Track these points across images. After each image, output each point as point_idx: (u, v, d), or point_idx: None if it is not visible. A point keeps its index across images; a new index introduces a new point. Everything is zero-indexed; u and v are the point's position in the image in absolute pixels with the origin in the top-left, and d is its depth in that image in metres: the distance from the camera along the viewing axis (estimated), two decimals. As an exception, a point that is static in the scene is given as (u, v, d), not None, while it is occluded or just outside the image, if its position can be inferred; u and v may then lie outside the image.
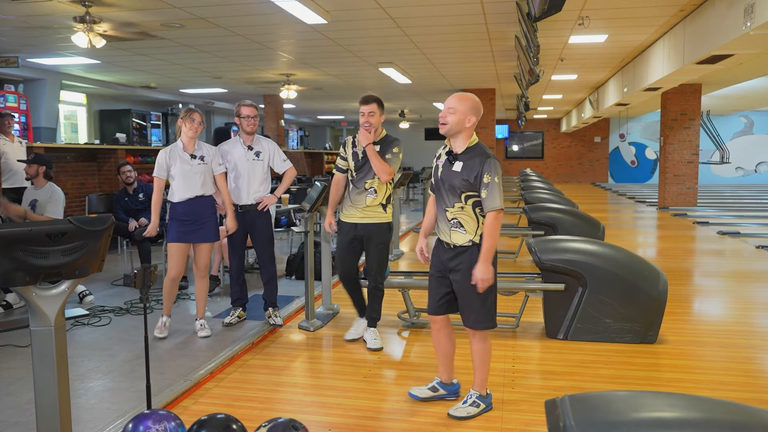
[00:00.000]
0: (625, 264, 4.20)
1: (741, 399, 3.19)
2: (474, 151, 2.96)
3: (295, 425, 2.43)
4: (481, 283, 2.88)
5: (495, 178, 2.88)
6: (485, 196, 2.89)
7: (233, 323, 4.64)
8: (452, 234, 2.98)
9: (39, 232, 1.97)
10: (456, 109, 2.92)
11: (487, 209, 2.89)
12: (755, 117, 22.17)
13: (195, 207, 4.32)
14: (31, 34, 8.06)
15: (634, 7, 7.02)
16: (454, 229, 2.97)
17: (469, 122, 2.94)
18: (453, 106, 2.93)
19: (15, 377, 3.61)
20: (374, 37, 8.53)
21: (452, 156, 2.99)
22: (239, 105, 4.54)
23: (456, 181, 2.94)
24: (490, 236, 2.88)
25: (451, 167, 2.96)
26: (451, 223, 2.98)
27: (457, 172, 2.94)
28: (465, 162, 2.94)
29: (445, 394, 3.24)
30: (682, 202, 13.49)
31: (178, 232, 4.31)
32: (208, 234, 4.39)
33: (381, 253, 4.11)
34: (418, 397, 3.23)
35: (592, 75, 12.77)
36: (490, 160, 2.90)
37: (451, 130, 2.95)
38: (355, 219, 4.08)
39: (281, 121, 15.44)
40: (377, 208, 4.05)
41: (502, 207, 2.89)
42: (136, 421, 2.40)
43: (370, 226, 4.05)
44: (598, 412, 1.56)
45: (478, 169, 2.89)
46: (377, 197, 4.04)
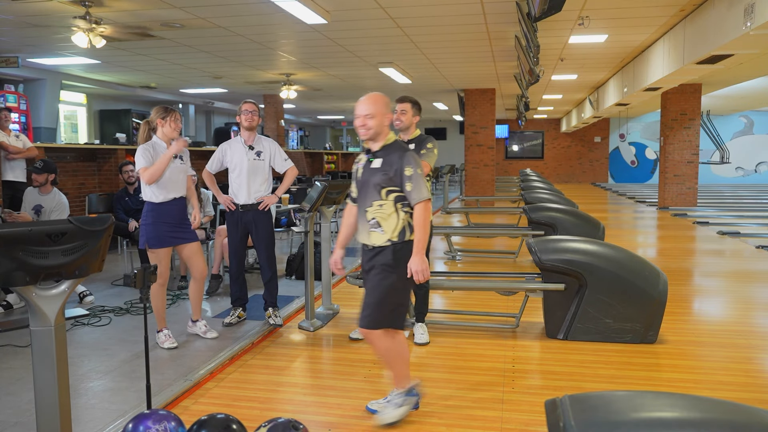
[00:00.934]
0: (625, 264, 4.20)
1: (741, 399, 3.19)
2: (392, 147, 2.96)
3: (295, 425, 2.43)
4: (417, 275, 2.85)
5: (417, 169, 2.87)
6: (410, 189, 2.87)
7: (233, 323, 4.64)
8: (371, 235, 2.95)
9: (39, 232, 1.97)
10: (374, 113, 2.91)
11: (415, 201, 2.87)
12: (755, 117, 22.18)
13: (180, 207, 4.23)
14: (31, 34, 8.06)
15: (634, 7, 7.02)
16: (373, 229, 2.94)
17: (387, 120, 2.97)
18: (370, 111, 2.91)
19: (15, 377, 3.61)
20: (374, 37, 8.53)
21: (371, 154, 2.98)
22: (241, 103, 4.58)
23: (376, 177, 2.92)
24: (421, 228, 2.86)
25: (371, 165, 2.96)
26: (370, 223, 2.94)
27: (377, 169, 2.93)
28: (384, 158, 2.93)
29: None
30: (682, 202, 13.49)
31: (167, 236, 4.13)
32: (192, 233, 4.28)
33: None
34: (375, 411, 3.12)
35: (592, 75, 12.77)
36: (408, 153, 2.91)
37: (375, 134, 2.94)
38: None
39: (281, 121, 15.44)
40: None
41: (429, 197, 2.90)
42: (136, 421, 2.40)
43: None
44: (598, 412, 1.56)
45: (398, 163, 2.88)
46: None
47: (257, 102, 4.98)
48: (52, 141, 11.10)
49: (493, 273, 5.63)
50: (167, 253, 4.21)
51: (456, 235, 8.64)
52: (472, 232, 8.47)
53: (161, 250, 4.14)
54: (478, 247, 8.30)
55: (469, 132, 14.81)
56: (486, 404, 3.20)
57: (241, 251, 4.68)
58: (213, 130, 18.44)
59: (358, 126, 2.94)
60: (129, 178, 6.34)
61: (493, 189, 14.99)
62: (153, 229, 4.11)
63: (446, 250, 7.69)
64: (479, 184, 14.83)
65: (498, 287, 4.59)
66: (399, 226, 2.91)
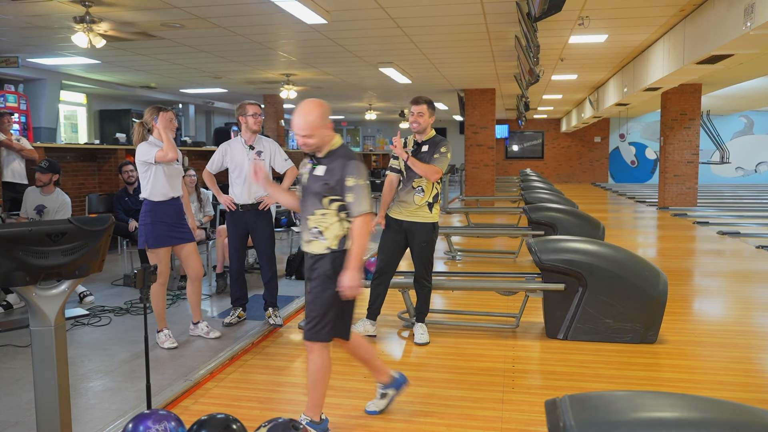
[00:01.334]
0: (625, 264, 4.20)
1: (741, 399, 3.19)
2: (336, 153, 2.80)
3: (295, 425, 2.43)
4: (348, 291, 2.69)
5: (359, 180, 2.72)
6: (351, 201, 2.72)
7: (233, 323, 4.64)
8: (311, 244, 2.81)
9: (39, 232, 1.98)
10: (311, 132, 2.72)
11: (354, 214, 2.72)
12: (755, 117, 22.18)
13: (177, 207, 4.24)
14: (31, 34, 8.06)
15: (634, 7, 7.02)
16: (313, 238, 2.80)
17: (327, 129, 2.78)
18: (307, 132, 2.72)
19: (15, 377, 3.61)
20: (374, 37, 8.53)
21: (315, 160, 2.84)
22: (244, 105, 4.49)
23: (318, 186, 2.77)
24: (357, 241, 2.71)
25: (314, 172, 2.81)
26: (311, 232, 2.81)
27: (320, 176, 2.78)
28: (328, 165, 2.78)
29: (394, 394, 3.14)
30: (682, 202, 13.49)
31: (166, 235, 4.15)
32: (189, 234, 4.30)
33: (424, 252, 4.19)
34: (376, 411, 3.10)
35: (592, 75, 12.77)
36: (352, 162, 2.75)
37: (318, 147, 2.79)
38: (402, 216, 4.19)
39: (281, 121, 15.45)
40: (423, 207, 4.15)
41: (370, 210, 2.73)
42: (136, 421, 2.40)
43: (414, 224, 4.16)
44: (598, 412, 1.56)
45: (340, 172, 2.73)
46: (424, 196, 4.13)
47: (257, 102, 4.97)
48: (52, 141, 11.10)
49: (493, 273, 5.63)
50: (167, 253, 4.21)
51: (456, 235, 8.64)
52: (472, 232, 8.47)
53: (161, 250, 4.15)
54: (478, 247, 8.30)
55: (469, 132, 14.81)
56: (486, 404, 3.20)
57: (242, 251, 4.69)
58: (213, 130, 18.44)
59: (299, 143, 2.78)
60: (129, 178, 6.34)
61: (493, 189, 14.99)
62: (152, 228, 4.11)
63: (446, 250, 7.69)
64: (479, 184, 14.83)
65: (498, 287, 4.59)
66: (340, 235, 2.77)
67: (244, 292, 4.73)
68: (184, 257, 4.30)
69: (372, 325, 4.34)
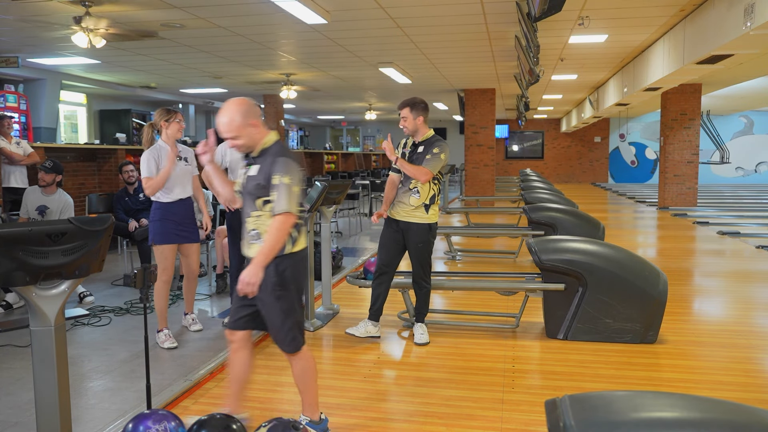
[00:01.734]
0: (625, 264, 4.20)
1: (741, 399, 3.19)
2: (269, 151, 2.68)
3: (295, 425, 2.43)
4: (245, 287, 2.54)
5: (285, 179, 2.58)
6: (274, 199, 2.59)
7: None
8: (251, 247, 2.71)
9: (39, 232, 1.97)
10: (237, 133, 2.61)
11: (275, 212, 2.58)
12: (755, 117, 22.18)
13: (186, 207, 4.33)
14: (31, 34, 8.06)
15: (634, 7, 7.02)
16: (253, 241, 2.70)
17: (255, 126, 2.64)
18: (232, 134, 2.61)
19: (15, 377, 3.61)
20: (374, 37, 8.53)
21: (250, 159, 2.73)
22: None
23: (251, 186, 2.66)
24: (270, 238, 2.57)
25: (249, 172, 2.71)
26: (250, 234, 2.72)
27: (254, 177, 2.66)
28: (261, 165, 2.66)
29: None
30: (682, 202, 13.49)
31: (173, 233, 4.22)
32: (196, 235, 4.40)
33: (421, 252, 4.18)
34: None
35: (592, 75, 12.77)
36: (280, 159, 2.62)
37: (249, 147, 2.68)
38: (399, 216, 4.20)
39: (281, 121, 15.45)
40: (420, 208, 4.14)
41: (290, 211, 2.58)
42: (136, 421, 2.40)
43: (410, 224, 4.16)
44: (598, 412, 1.56)
45: (269, 170, 2.61)
46: (420, 197, 4.13)
47: (257, 103, 5.00)
48: (52, 141, 11.10)
49: (493, 273, 5.62)
50: (172, 251, 4.26)
51: (456, 235, 8.64)
52: (472, 232, 8.47)
53: (166, 247, 4.20)
54: (478, 247, 8.30)
55: (469, 132, 14.81)
56: (486, 404, 3.20)
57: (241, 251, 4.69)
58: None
59: (232, 145, 2.67)
60: (129, 178, 6.34)
61: (493, 189, 14.99)
62: (160, 225, 4.19)
63: (446, 250, 7.68)
64: (479, 184, 14.83)
65: (498, 287, 4.59)
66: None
67: None
68: (186, 255, 4.38)
69: (374, 326, 4.32)
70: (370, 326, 4.33)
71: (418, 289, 4.27)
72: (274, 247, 2.58)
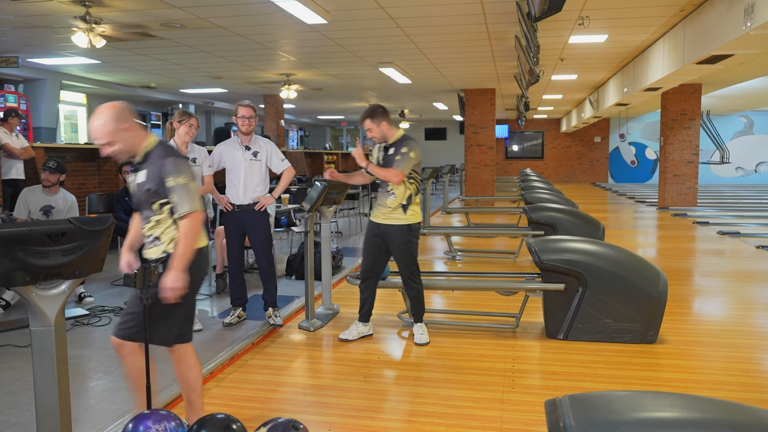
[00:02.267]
0: (625, 264, 4.20)
1: (741, 399, 3.19)
2: (153, 154, 2.59)
3: (295, 425, 2.43)
4: (169, 293, 2.51)
5: (179, 178, 2.52)
6: (175, 201, 2.54)
7: (233, 323, 4.64)
8: (150, 250, 2.67)
9: (39, 232, 1.97)
10: (111, 139, 2.51)
11: (178, 215, 2.54)
12: (755, 117, 22.17)
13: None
14: (31, 34, 8.06)
15: (634, 7, 7.02)
16: (151, 245, 2.66)
17: (130, 130, 2.56)
18: (106, 140, 2.51)
19: (15, 377, 3.61)
20: (374, 37, 8.53)
21: (135, 166, 2.65)
22: (237, 106, 4.57)
23: (143, 193, 2.60)
24: (183, 240, 2.53)
25: (137, 180, 2.63)
26: (148, 240, 2.67)
27: (143, 183, 2.59)
28: (148, 169, 2.58)
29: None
30: (682, 202, 13.49)
31: None
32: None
33: (404, 254, 4.17)
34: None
35: (592, 75, 12.77)
36: (168, 160, 2.54)
37: (129, 152, 2.60)
38: (378, 219, 4.19)
39: (281, 121, 15.45)
40: (397, 210, 4.12)
41: (194, 210, 2.55)
42: (136, 421, 2.40)
43: (388, 227, 4.15)
44: (598, 412, 1.56)
45: (159, 173, 2.54)
46: (396, 198, 4.11)
47: (256, 102, 5.03)
48: (52, 141, 11.10)
49: (493, 273, 5.63)
50: None
51: (456, 235, 8.64)
52: (472, 232, 8.47)
53: None
54: (478, 247, 8.30)
55: (469, 132, 14.81)
56: (486, 404, 3.20)
57: (239, 251, 4.70)
58: (213, 130, 18.45)
59: (103, 154, 2.58)
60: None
61: (493, 189, 14.99)
62: None
63: (446, 250, 7.68)
64: (479, 184, 14.83)
65: (498, 287, 4.59)
66: (176, 237, 2.59)
67: (243, 291, 4.74)
68: None
69: (365, 326, 4.32)
70: (361, 327, 4.32)
71: (409, 290, 4.25)
72: (187, 250, 2.55)
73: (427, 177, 9.63)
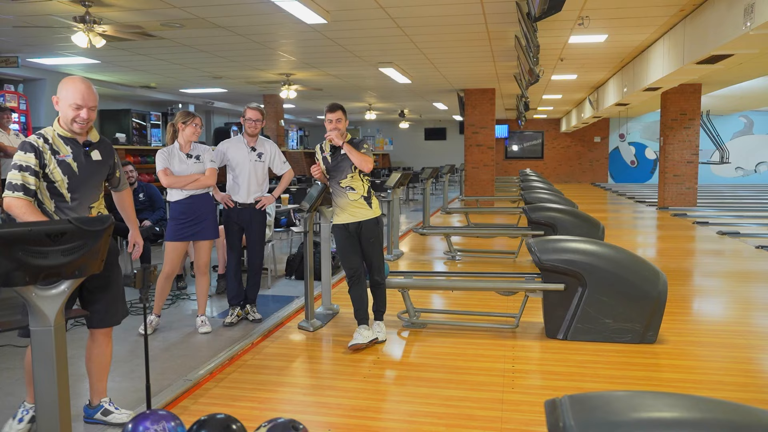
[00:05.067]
0: (625, 264, 4.20)
1: (741, 399, 3.19)
2: (101, 139, 3.04)
3: (295, 425, 2.43)
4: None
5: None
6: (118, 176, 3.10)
7: (234, 323, 4.66)
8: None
9: (39, 232, 1.97)
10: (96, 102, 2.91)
11: (122, 189, 3.19)
12: (755, 117, 22.17)
13: (192, 206, 4.46)
14: (31, 34, 8.06)
15: (634, 7, 7.02)
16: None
17: (59, 107, 2.93)
18: (95, 106, 2.98)
19: (15, 377, 3.61)
20: (374, 37, 8.53)
21: (87, 146, 2.95)
22: (246, 108, 4.72)
23: (101, 172, 2.96)
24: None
25: (91, 158, 2.94)
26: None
27: (99, 161, 2.95)
28: (100, 149, 2.99)
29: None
30: (682, 202, 13.49)
31: (176, 232, 4.42)
32: (207, 232, 4.49)
33: (374, 247, 4.20)
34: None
35: (592, 75, 12.77)
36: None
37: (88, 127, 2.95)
38: (344, 220, 4.19)
39: (281, 121, 15.44)
40: (360, 202, 4.16)
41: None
42: (136, 421, 2.40)
43: (359, 224, 4.17)
44: (598, 412, 1.56)
45: (112, 154, 3.04)
46: (357, 191, 4.15)
47: (260, 104, 5.10)
48: (52, 141, 11.07)
49: (493, 273, 5.63)
50: (174, 248, 4.44)
51: (456, 235, 8.64)
52: (471, 232, 8.47)
53: (169, 244, 4.44)
54: (477, 247, 8.30)
55: (468, 132, 14.80)
56: (486, 404, 3.20)
57: (238, 249, 4.77)
58: (213, 130, 18.44)
59: (82, 122, 2.97)
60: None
61: (493, 189, 14.99)
62: (169, 224, 4.49)
63: (446, 250, 7.68)
64: (479, 184, 14.83)
65: (498, 287, 4.59)
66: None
67: (241, 290, 4.78)
68: (196, 249, 4.56)
69: (367, 329, 4.16)
70: (364, 331, 4.12)
71: (375, 287, 4.27)
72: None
73: (427, 177, 9.63)
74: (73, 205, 2.83)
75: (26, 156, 2.73)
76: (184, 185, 4.38)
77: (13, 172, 2.69)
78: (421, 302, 5.32)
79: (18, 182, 2.70)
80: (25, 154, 2.73)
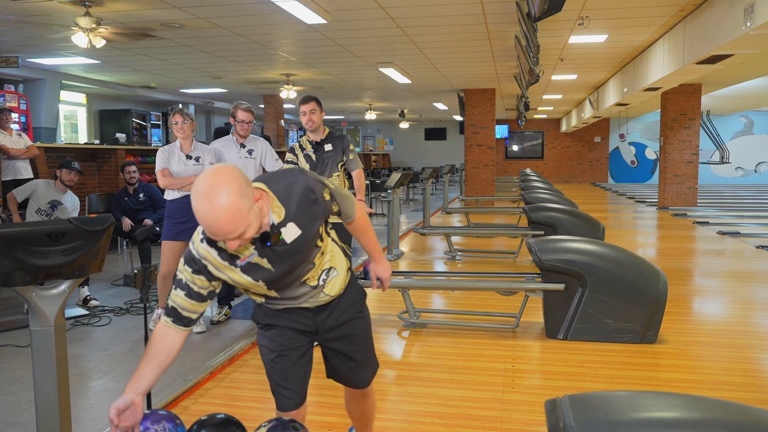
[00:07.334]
0: (625, 264, 4.20)
1: (741, 399, 3.19)
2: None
3: (295, 425, 2.42)
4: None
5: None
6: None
7: (221, 321, 4.70)
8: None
9: (39, 232, 1.97)
10: (246, 216, 1.78)
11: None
12: (755, 117, 22.17)
13: (188, 205, 4.36)
14: (31, 34, 8.06)
15: (634, 7, 7.02)
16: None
17: (259, 199, 1.87)
18: (244, 225, 1.76)
19: (15, 377, 3.61)
20: (374, 37, 8.53)
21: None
22: (236, 107, 4.63)
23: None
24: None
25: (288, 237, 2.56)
26: None
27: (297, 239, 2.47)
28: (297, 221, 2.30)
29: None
30: (682, 202, 13.48)
31: (172, 231, 4.42)
32: None
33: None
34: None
35: (592, 75, 12.77)
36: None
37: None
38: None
39: (281, 121, 15.44)
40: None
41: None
42: (136, 421, 2.40)
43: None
44: (598, 412, 1.56)
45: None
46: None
47: (256, 102, 5.11)
48: (52, 141, 11.10)
49: (493, 273, 5.63)
50: (171, 247, 4.44)
51: (456, 235, 8.64)
52: (471, 232, 8.47)
53: (166, 243, 4.45)
54: (478, 247, 8.30)
55: (469, 132, 14.80)
56: (486, 404, 3.20)
57: None
58: (213, 130, 18.46)
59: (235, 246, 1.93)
60: (130, 179, 6.34)
61: (493, 189, 14.99)
62: (165, 223, 4.51)
63: (446, 250, 7.68)
64: (479, 184, 14.83)
65: (498, 287, 4.59)
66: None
67: (231, 290, 4.78)
68: None
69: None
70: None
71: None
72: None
73: (427, 177, 9.63)
74: None
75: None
76: (180, 187, 4.37)
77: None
78: (422, 302, 5.32)
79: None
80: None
